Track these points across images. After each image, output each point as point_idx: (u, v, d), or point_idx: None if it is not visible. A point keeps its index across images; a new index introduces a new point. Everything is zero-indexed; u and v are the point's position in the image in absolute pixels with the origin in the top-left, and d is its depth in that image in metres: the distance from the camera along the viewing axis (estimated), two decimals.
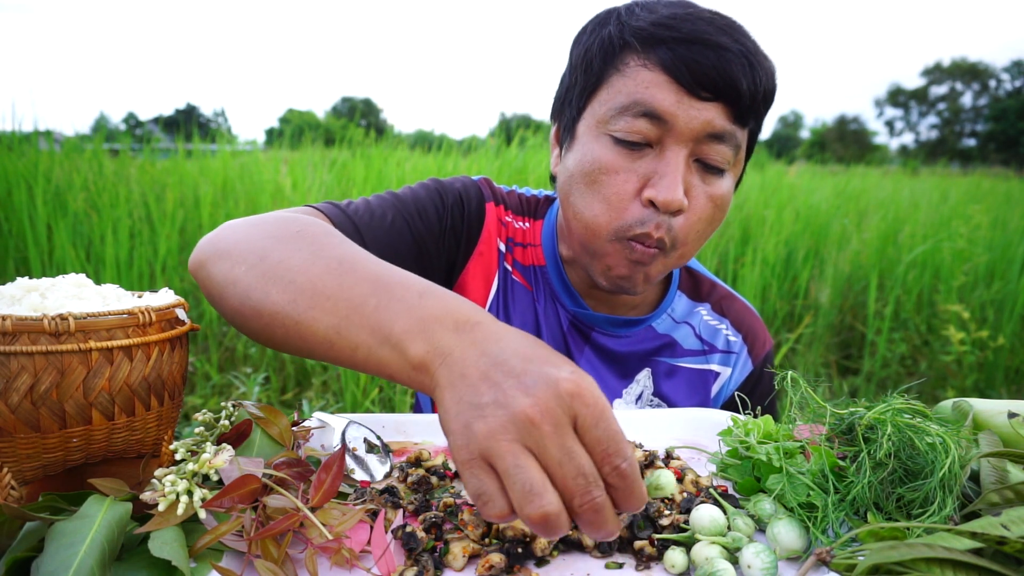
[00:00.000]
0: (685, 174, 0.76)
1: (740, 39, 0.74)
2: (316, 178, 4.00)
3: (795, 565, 0.53)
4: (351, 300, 0.54)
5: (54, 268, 2.94)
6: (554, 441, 0.41)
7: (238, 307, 0.61)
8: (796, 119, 68.93)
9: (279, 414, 0.64)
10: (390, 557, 0.52)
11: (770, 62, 0.78)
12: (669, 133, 0.75)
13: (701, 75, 0.72)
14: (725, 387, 0.99)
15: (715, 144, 0.76)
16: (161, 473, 0.53)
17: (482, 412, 0.42)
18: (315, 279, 0.57)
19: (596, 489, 0.41)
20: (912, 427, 0.56)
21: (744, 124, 0.77)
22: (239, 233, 0.66)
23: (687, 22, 0.74)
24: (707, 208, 0.79)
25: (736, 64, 0.73)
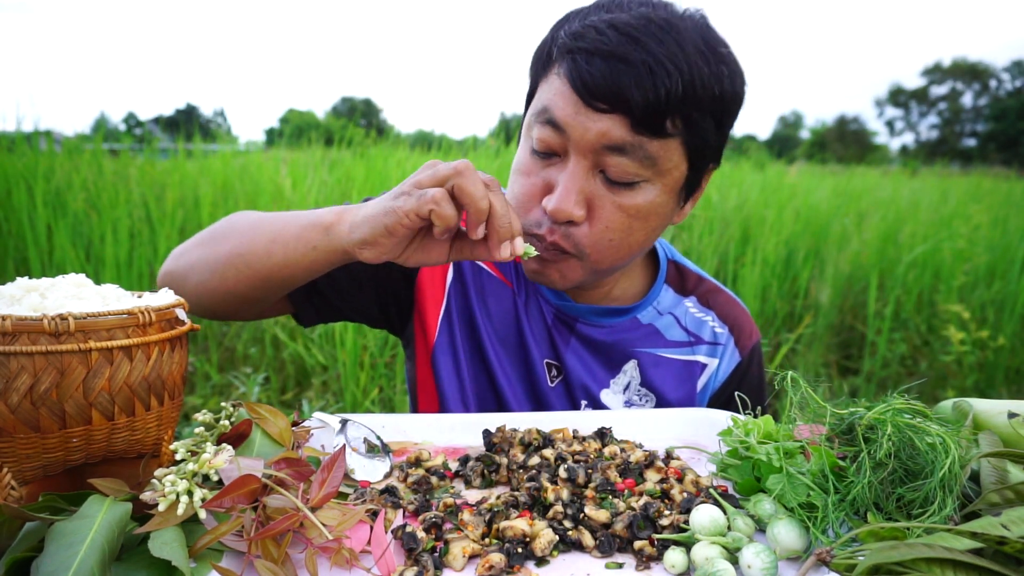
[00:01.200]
0: (586, 185, 0.78)
1: (652, 46, 0.72)
2: (316, 178, 4.00)
3: (795, 565, 0.53)
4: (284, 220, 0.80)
5: (54, 268, 2.94)
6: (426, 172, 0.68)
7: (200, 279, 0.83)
8: (796, 119, 68.92)
9: (279, 414, 0.64)
10: (390, 557, 0.52)
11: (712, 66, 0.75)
12: (569, 143, 0.77)
13: (593, 87, 0.73)
14: (713, 378, 0.99)
15: (616, 156, 0.76)
16: (161, 473, 0.53)
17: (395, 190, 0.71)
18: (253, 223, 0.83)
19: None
20: (912, 427, 0.56)
21: (656, 134, 0.75)
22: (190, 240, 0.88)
23: (595, 31, 0.74)
24: (617, 219, 0.79)
25: (630, 75, 0.72)
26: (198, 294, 0.84)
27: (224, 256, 0.82)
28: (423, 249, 0.74)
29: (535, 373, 0.96)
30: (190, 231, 3.44)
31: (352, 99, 54.74)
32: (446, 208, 0.66)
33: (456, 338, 0.97)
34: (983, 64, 57.86)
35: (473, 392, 0.98)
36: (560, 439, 0.73)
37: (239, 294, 0.83)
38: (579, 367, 0.96)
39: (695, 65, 0.73)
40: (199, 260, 0.85)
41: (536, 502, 0.61)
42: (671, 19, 0.75)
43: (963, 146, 56.69)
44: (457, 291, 0.98)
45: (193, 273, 0.84)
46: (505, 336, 0.97)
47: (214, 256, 0.83)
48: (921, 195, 6.51)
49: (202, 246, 0.85)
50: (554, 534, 0.55)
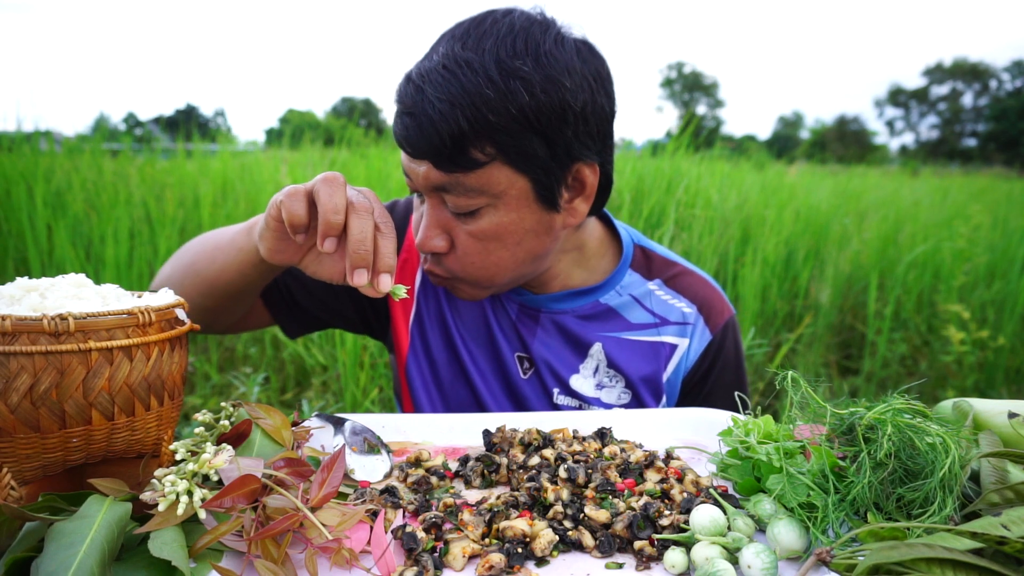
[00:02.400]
0: (441, 218, 0.85)
1: (429, 94, 0.76)
2: None
3: (795, 565, 0.53)
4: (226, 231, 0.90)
5: (54, 268, 2.94)
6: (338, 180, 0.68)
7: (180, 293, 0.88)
8: (796, 119, 68.92)
9: (279, 414, 0.64)
10: (390, 557, 0.52)
11: (502, 86, 0.75)
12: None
13: (401, 141, 0.81)
14: (684, 358, 1.00)
15: (445, 194, 0.82)
16: (161, 473, 0.53)
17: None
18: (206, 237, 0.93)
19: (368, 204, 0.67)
20: (912, 427, 0.56)
21: (465, 167, 0.78)
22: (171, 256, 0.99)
23: (404, 84, 0.81)
24: (471, 244, 0.85)
25: (415, 127, 0.78)
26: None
27: (181, 269, 0.92)
28: (319, 261, 0.76)
29: (507, 368, 0.99)
30: (190, 231, 3.44)
31: (352, 99, 54.74)
32: (294, 205, 0.68)
33: (430, 341, 1.02)
34: (983, 64, 57.88)
35: (451, 393, 1.01)
36: (560, 439, 0.73)
37: (197, 305, 0.91)
38: (548, 355, 0.98)
39: (479, 97, 0.76)
40: (168, 276, 0.94)
41: (536, 502, 0.61)
42: (460, 56, 0.77)
43: (963, 146, 56.70)
44: (427, 295, 1.03)
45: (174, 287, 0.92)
46: (477, 335, 1.01)
47: (176, 270, 0.93)
48: (921, 195, 6.52)
49: (170, 262, 0.95)
50: (554, 534, 0.55)
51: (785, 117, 69.09)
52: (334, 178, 0.67)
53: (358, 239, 0.65)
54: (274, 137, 12.08)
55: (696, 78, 64.35)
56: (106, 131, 4.79)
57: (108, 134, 4.78)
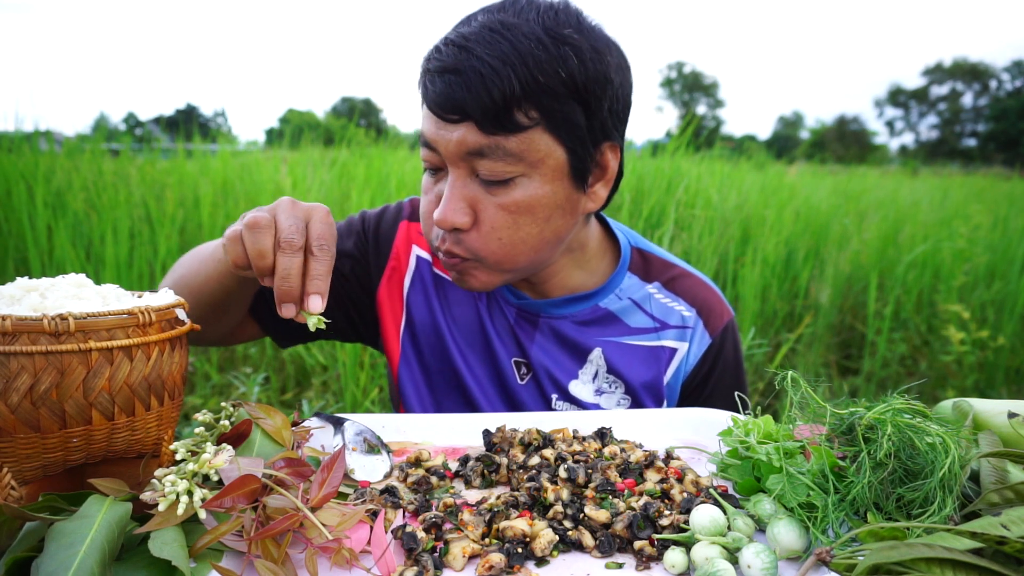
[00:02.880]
0: (467, 192, 0.82)
1: (479, 51, 0.76)
2: (316, 178, 4.00)
3: (795, 565, 0.53)
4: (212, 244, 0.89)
5: (54, 268, 2.94)
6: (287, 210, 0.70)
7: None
8: (796, 119, 68.92)
9: (279, 414, 0.64)
10: (390, 557, 0.52)
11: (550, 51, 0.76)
12: (443, 157, 0.82)
13: (438, 102, 0.79)
14: (684, 362, 1.00)
15: (481, 159, 0.80)
16: (161, 473, 0.53)
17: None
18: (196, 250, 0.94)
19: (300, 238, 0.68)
20: (912, 427, 0.56)
21: (509, 130, 0.77)
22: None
23: (437, 51, 0.80)
24: (501, 218, 0.82)
25: (460, 84, 0.76)
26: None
27: (173, 282, 0.93)
28: None
29: (504, 373, 0.98)
30: (190, 231, 3.44)
31: (352, 99, 54.75)
32: (233, 249, 0.70)
33: (422, 348, 1.01)
34: (983, 64, 57.88)
35: (444, 400, 1.00)
36: (560, 439, 0.73)
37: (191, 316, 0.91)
38: (546, 361, 0.97)
39: (530, 56, 0.76)
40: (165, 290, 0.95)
41: (536, 502, 0.61)
42: (507, 20, 0.78)
43: (963, 146, 56.70)
44: (417, 302, 1.02)
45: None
46: (472, 340, 1.00)
47: (171, 283, 0.93)
48: (921, 195, 6.52)
49: (167, 275, 0.96)
50: (554, 534, 0.55)
51: (785, 117, 69.11)
52: (255, 223, 0.68)
53: (281, 276, 0.67)
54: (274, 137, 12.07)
55: (696, 78, 64.35)
56: (106, 131, 4.79)
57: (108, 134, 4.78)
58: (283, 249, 0.67)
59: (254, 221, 0.68)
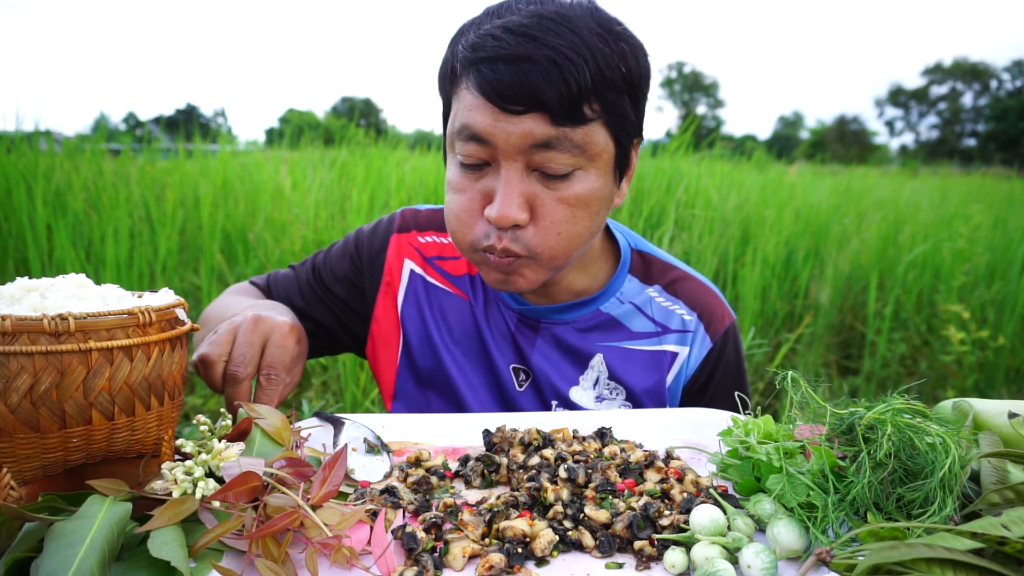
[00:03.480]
0: (524, 187, 0.79)
1: (550, 40, 0.74)
2: (316, 178, 4.00)
3: (795, 565, 0.53)
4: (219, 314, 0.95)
5: (54, 268, 2.94)
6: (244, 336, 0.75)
7: None
8: (796, 119, 68.91)
9: (279, 414, 0.64)
10: (390, 557, 0.52)
11: (612, 46, 0.76)
12: (497, 151, 0.78)
13: (506, 92, 0.74)
14: (685, 367, 0.98)
15: (545, 152, 0.77)
16: (169, 466, 0.53)
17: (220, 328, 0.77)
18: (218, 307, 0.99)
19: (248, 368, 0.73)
20: (912, 427, 0.56)
21: (577, 122, 0.76)
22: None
23: (492, 38, 0.75)
24: (560, 212, 0.80)
25: (537, 73, 0.73)
26: None
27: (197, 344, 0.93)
28: None
29: (502, 380, 0.97)
30: (190, 231, 3.44)
31: (352, 99, 54.75)
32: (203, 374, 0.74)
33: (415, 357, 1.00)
34: (983, 64, 57.87)
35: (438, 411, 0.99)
36: (560, 439, 0.73)
37: None
38: (547, 368, 0.96)
39: (596, 49, 0.75)
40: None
41: (536, 502, 0.61)
42: (561, 11, 0.77)
43: (963, 146, 56.70)
44: (411, 316, 1.01)
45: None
46: (468, 348, 0.99)
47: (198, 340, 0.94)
48: (921, 195, 6.52)
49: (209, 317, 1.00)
50: (554, 534, 0.55)
51: (785, 117, 69.10)
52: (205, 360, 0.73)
53: (228, 401, 0.73)
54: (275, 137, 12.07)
55: (696, 78, 64.34)
56: (106, 131, 4.78)
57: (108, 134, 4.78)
58: (228, 381, 0.72)
59: (204, 357, 0.73)
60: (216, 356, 0.72)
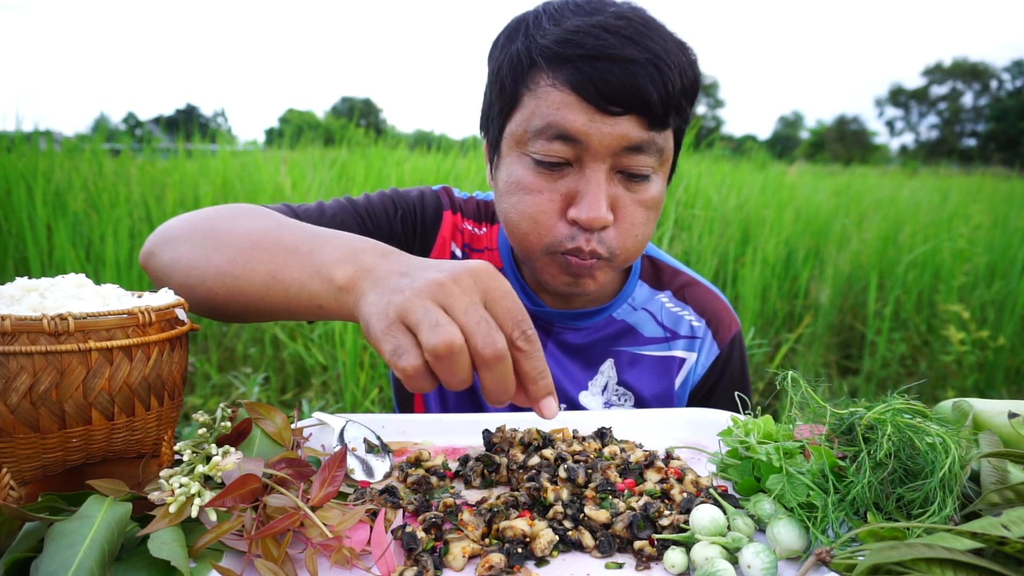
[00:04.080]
0: (608, 188, 0.78)
1: (648, 45, 0.73)
2: (316, 178, 4.00)
3: (795, 565, 0.53)
4: (287, 248, 0.62)
5: (54, 268, 2.94)
6: (461, 297, 0.48)
7: (184, 281, 0.69)
8: (796, 119, 68.89)
9: (279, 414, 0.64)
10: (390, 557, 0.52)
11: (685, 55, 0.78)
12: (586, 152, 0.76)
13: (609, 92, 0.72)
14: (692, 372, 0.99)
15: (634, 155, 0.76)
16: (167, 474, 0.53)
17: (400, 289, 0.50)
18: (255, 238, 0.65)
19: (498, 336, 0.48)
20: (912, 427, 0.56)
21: (663, 127, 0.77)
22: (182, 221, 0.75)
23: (590, 36, 0.73)
24: (639, 215, 0.81)
25: (643, 75, 0.72)
26: (181, 291, 0.70)
27: (214, 270, 0.68)
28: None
29: None
30: None
31: (352, 99, 54.76)
32: (420, 383, 0.50)
33: None
34: (984, 64, 57.88)
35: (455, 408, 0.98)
36: (560, 439, 0.73)
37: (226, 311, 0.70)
38: (557, 371, 0.96)
39: (678, 57, 0.76)
40: (186, 258, 0.71)
41: (536, 502, 0.60)
42: (641, 15, 0.77)
43: (963, 146, 56.70)
44: None
45: (178, 270, 0.71)
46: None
47: (204, 263, 0.69)
48: (921, 195, 6.51)
49: (192, 243, 0.71)
50: (554, 534, 0.55)
51: (785, 117, 69.08)
52: (448, 350, 0.47)
53: (496, 395, 0.51)
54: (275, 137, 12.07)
55: None
56: (106, 131, 4.78)
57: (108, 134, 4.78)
58: (488, 365, 0.49)
59: (445, 347, 0.47)
60: (458, 345, 0.47)
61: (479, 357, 0.49)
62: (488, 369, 0.49)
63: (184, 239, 0.72)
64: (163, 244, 0.74)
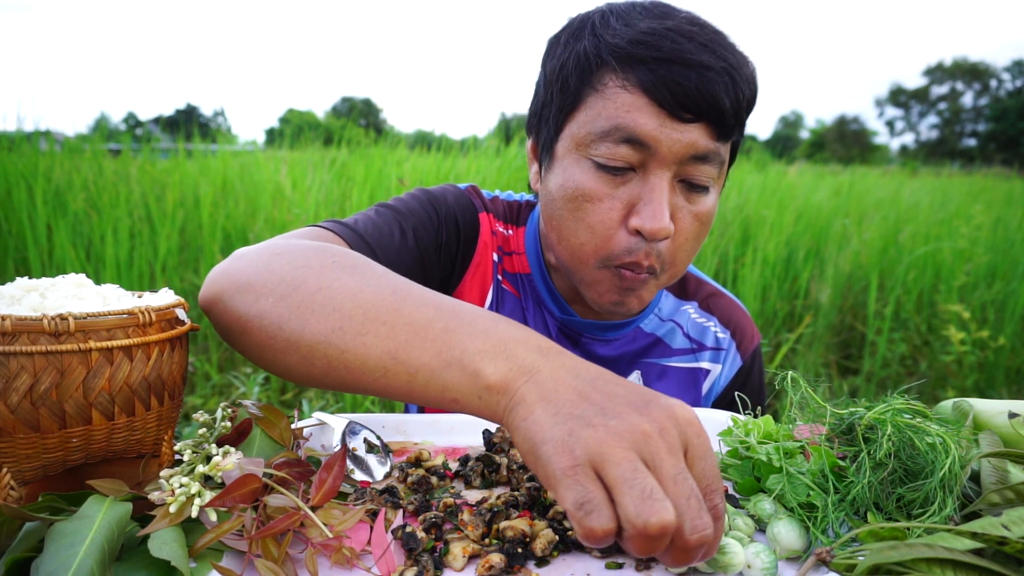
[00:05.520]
0: (671, 198, 0.74)
1: (722, 53, 0.71)
2: (316, 178, 4.00)
3: (795, 565, 0.53)
4: (412, 324, 0.51)
5: (54, 268, 2.94)
6: (670, 459, 0.40)
7: (266, 341, 0.57)
8: (796, 119, 68.88)
9: (279, 413, 0.64)
10: (390, 557, 0.52)
11: (750, 67, 0.76)
12: (652, 157, 0.72)
13: (684, 97, 0.70)
14: (716, 384, 0.98)
15: (699, 164, 0.74)
16: (168, 474, 0.53)
17: (590, 421, 0.41)
18: (366, 305, 0.53)
19: (707, 518, 0.40)
20: (912, 427, 0.56)
21: (728, 139, 0.75)
22: (260, 263, 0.61)
23: (666, 39, 0.70)
24: (694, 227, 0.77)
25: (719, 83, 0.70)
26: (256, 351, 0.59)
27: (313, 338, 0.55)
28: None
29: None
30: (190, 231, 3.43)
31: (352, 99, 54.76)
32: (601, 543, 0.40)
33: None
34: (984, 64, 57.87)
35: None
36: None
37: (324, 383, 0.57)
38: None
39: (746, 67, 0.74)
40: (270, 316, 0.57)
41: (536, 502, 0.60)
42: (714, 27, 0.75)
43: (963, 146, 56.70)
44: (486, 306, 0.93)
45: (260, 328, 0.58)
46: None
47: (299, 329, 0.55)
48: (921, 195, 6.51)
49: (278, 298, 0.57)
50: (554, 534, 0.55)
51: (785, 117, 69.06)
52: (660, 528, 0.38)
53: (671, 564, 0.43)
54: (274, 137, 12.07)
55: None
56: (106, 131, 4.78)
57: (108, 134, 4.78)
58: (689, 550, 0.40)
59: (659, 529, 0.38)
60: (664, 523, 0.38)
61: (682, 541, 0.40)
62: (686, 553, 0.40)
63: (265, 291, 0.58)
64: (236, 291, 0.60)
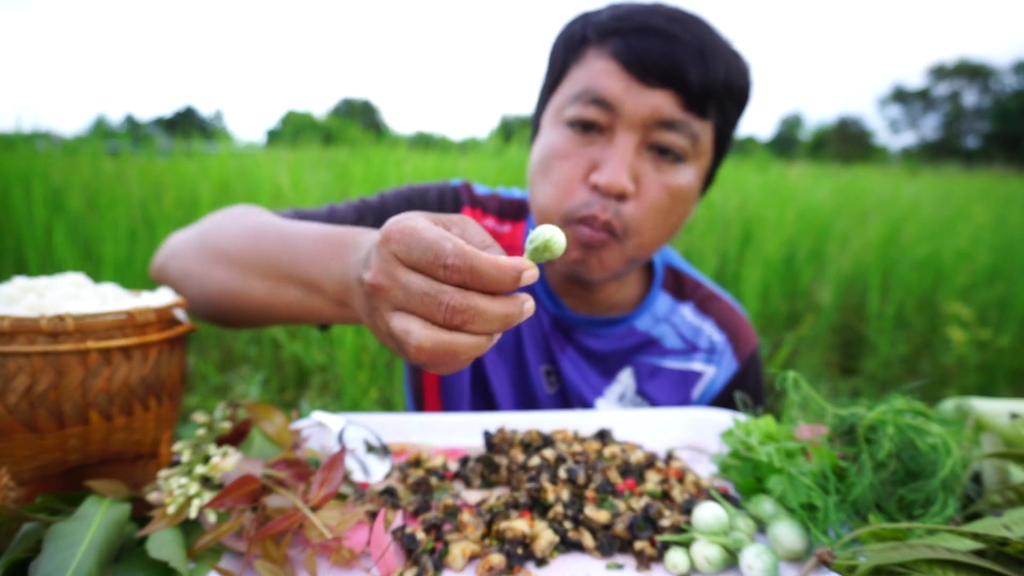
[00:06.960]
0: (634, 161, 0.77)
1: (696, 31, 0.76)
2: (315, 178, 4.00)
3: (796, 566, 0.53)
4: (268, 260, 0.63)
5: (52, 268, 2.94)
6: (393, 288, 0.43)
7: (196, 296, 0.72)
8: (797, 119, 68.89)
9: (278, 414, 0.64)
10: (390, 558, 0.52)
11: (736, 59, 0.79)
12: (618, 119, 0.76)
13: (649, 62, 0.74)
14: (710, 386, 0.98)
15: (666, 132, 0.77)
16: (166, 474, 0.53)
17: (376, 307, 0.46)
18: (241, 249, 0.67)
19: (443, 295, 0.41)
20: (914, 428, 0.56)
21: (701, 114, 0.77)
22: (183, 233, 0.78)
23: (641, 14, 0.76)
24: (661, 196, 0.79)
25: (684, 53, 0.74)
26: (194, 303, 0.73)
27: (219, 284, 0.69)
28: None
29: (531, 380, 0.96)
30: None
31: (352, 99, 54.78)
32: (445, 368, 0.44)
33: None
34: (986, 64, 57.85)
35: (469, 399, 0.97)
36: (560, 440, 0.72)
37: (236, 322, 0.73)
38: (575, 375, 0.95)
39: (730, 55, 0.77)
40: (193, 272, 0.73)
41: (536, 503, 0.60)
42: (701, 16, 0.79)
43: (965, 146, 56.70)
44: None
45: (188, 283, 0.73)
46: (503, 342, 0.96)
47: (208, 278, 0.70)
48: (923, 195, 6.51)
49: (198, 256, 0.73)
50: (554, 535, 0.55)
51: (786, 117, 69.07)
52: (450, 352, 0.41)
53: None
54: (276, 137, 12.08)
55: None
56: (105, 131, 4.78)
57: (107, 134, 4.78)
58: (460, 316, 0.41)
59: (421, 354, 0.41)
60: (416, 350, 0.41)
61: (450, 326, 0.41)
62: (466, 325, 0.41)
63: (188, 253, 0.74)
64: (170, 257, 0.77)
